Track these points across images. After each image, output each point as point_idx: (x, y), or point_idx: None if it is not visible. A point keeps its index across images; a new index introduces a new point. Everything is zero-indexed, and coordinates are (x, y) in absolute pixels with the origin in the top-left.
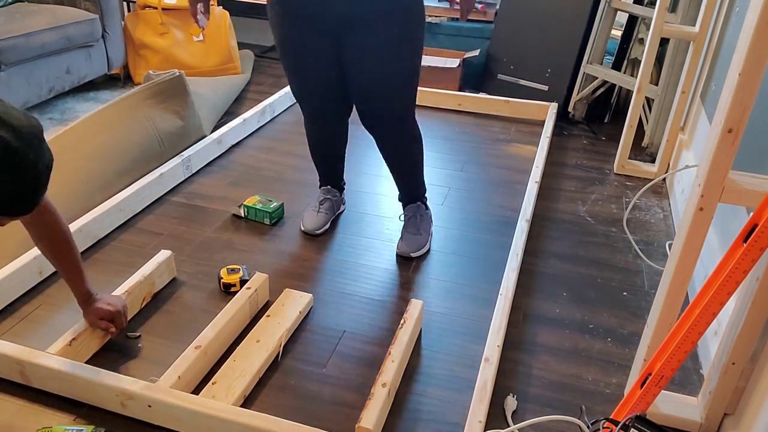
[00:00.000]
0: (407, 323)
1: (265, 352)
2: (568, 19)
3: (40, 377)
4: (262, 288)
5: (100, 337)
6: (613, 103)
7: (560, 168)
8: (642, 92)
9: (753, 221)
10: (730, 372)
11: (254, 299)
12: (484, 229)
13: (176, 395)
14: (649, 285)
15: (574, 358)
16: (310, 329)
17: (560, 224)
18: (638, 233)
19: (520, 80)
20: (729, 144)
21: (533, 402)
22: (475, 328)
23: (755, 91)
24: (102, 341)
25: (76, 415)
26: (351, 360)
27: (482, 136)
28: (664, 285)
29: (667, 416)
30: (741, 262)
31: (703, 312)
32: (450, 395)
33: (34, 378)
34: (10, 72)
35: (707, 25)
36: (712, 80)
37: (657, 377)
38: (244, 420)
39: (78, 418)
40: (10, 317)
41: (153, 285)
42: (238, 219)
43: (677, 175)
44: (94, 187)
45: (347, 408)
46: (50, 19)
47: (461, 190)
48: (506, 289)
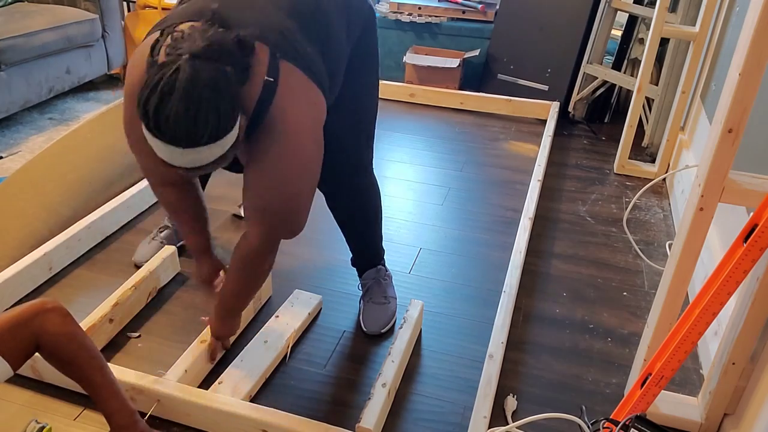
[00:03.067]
0: (407, 323)
1: (272, 353)
2: (568, 19)
3: (51, 371)
4: (265, 284)
5: (102, 336)
6: (613, 103)
7: (560, 168)
8: (642, 92)
9: (753, 221)
10: (730, 372)
11: (257, 295)
12: (484, 229)
13: (185, 390)
14: (649, 285)
15: (574, 358)
16: (310, 329)
17: (560, 224)
18: (638, 233)
19: (520, 80)
20: (729, 144)
21: (533, 402)
22: (475, 328)
23: (755, 91)
24: (104, 340)
25: (84, 407)
26: (351, 360)
27: (482, 135)
28: (664, 285)
29: (667, 416)
30: (741, 262)
31: (703, 312)
32: (450, 395)
33: (45, 373)
34: (10, 72)
35: (707, 25)
36: (712, 80)
37: (657, 377)
38: (252, 415)
39: (87, 410)
40: None
41: (158, 280)
42: (238, 219)
43: (677, 175)
44: (97, 188)
45: (347, 408)
46: (50, 19)
47: (461, 190)
48: (509, 287)
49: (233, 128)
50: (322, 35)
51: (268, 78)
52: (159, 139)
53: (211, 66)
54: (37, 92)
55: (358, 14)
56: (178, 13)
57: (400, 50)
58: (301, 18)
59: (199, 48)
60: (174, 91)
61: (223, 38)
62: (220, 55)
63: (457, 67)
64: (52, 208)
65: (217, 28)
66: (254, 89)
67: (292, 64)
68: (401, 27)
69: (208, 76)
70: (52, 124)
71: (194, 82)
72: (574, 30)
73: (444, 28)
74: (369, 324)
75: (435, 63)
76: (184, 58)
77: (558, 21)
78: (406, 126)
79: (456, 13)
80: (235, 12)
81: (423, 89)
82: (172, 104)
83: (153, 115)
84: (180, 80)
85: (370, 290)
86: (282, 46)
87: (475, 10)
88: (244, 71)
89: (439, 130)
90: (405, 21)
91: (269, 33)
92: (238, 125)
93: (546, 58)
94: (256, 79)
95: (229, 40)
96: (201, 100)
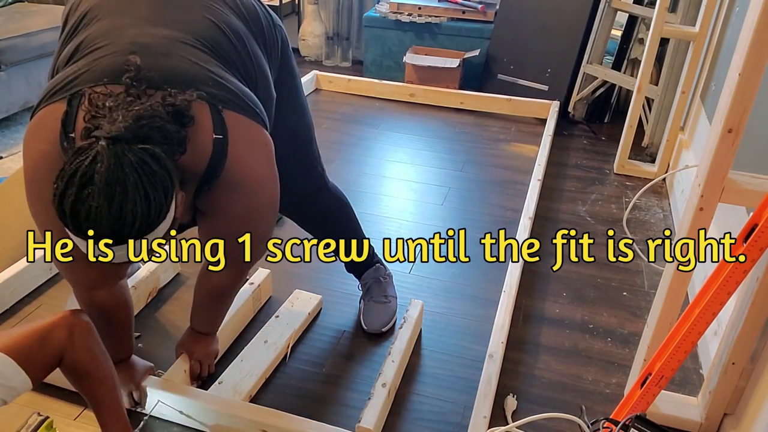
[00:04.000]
0: (407, 323)
1: (272, 353)
2: (568, 19)
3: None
4: (265, 283)
5: None
6: (613, 103)
7: (560, 168)
8: (642, 92)
9: (753, 221)
10: (730, 372)
11: (257, 295)
12: (484, 229)
13: (186, 390)
14: (649, 285)
15: (574, 358)
16: (310, 329)
17: (560, 224)
18: (638, 233)
19: (520, 80)
20: (729, 144)
21: (533, 402)
22: (475, 328)
23: (755, 91)
24: None
25: (84, 407)
26: (351, 360)
27: (482, 135)
28: (664, 285)
29: (667, 416)
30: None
31: (703, 312)
32: (450, 395)
33: None
34: (10, 72)
35: (707, 25)
36: (712, 80)
37: (657, 377)
38: (252, 415)
39: (87, 409)
40: (12, 317)
41: (158, 280)
42: None
43: (677, 175)
44: None
45: (347, 408)
46: (50, 19)
47: (461, 190)
48: (510, 287)
49: (168, 213)
50: (250, 71)
51: (216, 136)
52: (80, 237)
53: (136, 149)
54: (37, 92)
55: (273, 42)
56: (88, 68)
57: (400, 50)
58: (225, 57)
59: (121, 129)
60: (92, 182)
61: (153, 113)
62: (149, 134)
63: (457, 67)
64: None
65: (143, 93)
66: (203, 151)
67: (235, 113)
68: (401, 27)
69: (134, 159)
70: None
71: (116, 170)
72: (574, 30)
73: (444, 28)
74: (369, 322)
75: (435, 63)
76: (101, 145)
77: (558, 21)
78: (406, 126)
79: (456, 13)
80: (156, 62)
81: (423, 89)
82: (91, 198)
83: (71, 211)
84: (98, 172)
85: (371, 289)
86: (219, 96)
87: (475, 10)
88: (181, 145)
89: (439, 130)
90: (405, 21)
91: (201, 85)
92: (173, 207)
93: (546, 58)
94: (202, 140)
95: (162, 113)
96: (125, 190)
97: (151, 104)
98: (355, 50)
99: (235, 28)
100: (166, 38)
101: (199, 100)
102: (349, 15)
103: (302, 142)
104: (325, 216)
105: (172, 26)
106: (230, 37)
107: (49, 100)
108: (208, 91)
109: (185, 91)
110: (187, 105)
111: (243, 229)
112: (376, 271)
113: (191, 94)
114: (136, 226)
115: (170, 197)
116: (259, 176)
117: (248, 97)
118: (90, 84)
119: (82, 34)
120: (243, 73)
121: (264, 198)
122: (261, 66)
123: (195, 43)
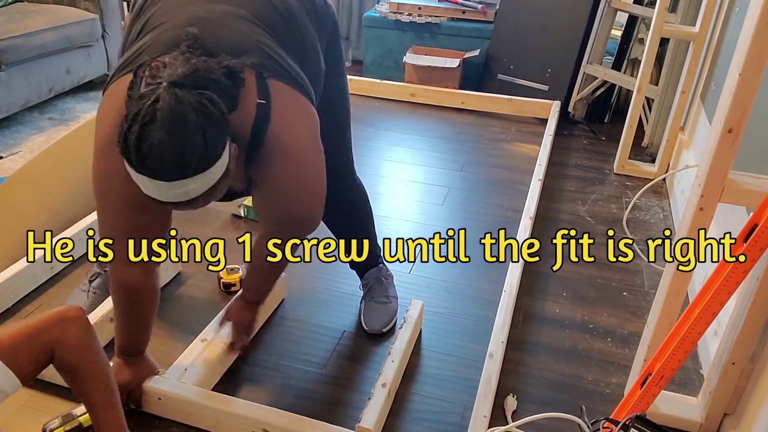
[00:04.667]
0: (407, 323)
1: None
2: (568, 19)
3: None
4: (278, 287)
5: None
6: (613, 103)
7: (560, 168)
8: (642, 92)
9: (753, 221)
10: (730, 372)
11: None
12: (484, 229)
13: (186, 389)
14: (649, 285)
15: (574, 358)
16: (310, 329)
17: (560, 224)
18: (638, 233)
19: (520, 80)
20: (729, 144)
21: (533, 402)
22: (475, 328)
23: (755, 91)
24: (105, 340)
25: None
26: (351, 360)
27: (482, 135)
28: (664, 285)
29: (667, 416)
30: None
31: (703, 312)
32: (450, 395)
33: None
34: (10, 72)
35: (707, 25)
36: (712, 80)
37: (657, 377)
38: (252, 415)
39: None
40: (12, 317)
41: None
42: (238, 219)
43: (677, 175)
44: None
45: (347, 408)
46: (50, 19)
47: (461, 190)
48: (510, 287)
49: (222, 156)
50: (298, 45)
51: (260, 101)
52: (144, 174)
53: (195, 93)
54: (37, 92)
55: (325, 20)
56: (152, 42)
57: (400, 50)
58: (276, 31)
59: (181, 75)
60: (155, 120)
61: (209, 67)
62: (206, 82)
63: (457, 67)
64: (52, 208)
65: (199, 55)
66: (247, 115)
67: (280, 82)
68: (401, 27)
69: (193, 101)
70: (52, 124)
71: (176, 108)
72: (574, 30)
73: (444, 28)
74: (370, 323)
75: (435, 63)
76: (163, 86)
77: (558, 21)
78: (406, 126)
79: (456, 13)
80: (212, 33)
81: (424, 89)
82: (153, 133)
83: (134, 148)
84: (160, 108)
85: (372, 289)
86: (266, 65)
87: (475, 10)
88: (233, 100)
89: (440, 130)
90: (405, 21)
91: (252, 55)
92: (227, 153)
93: (546, 58)
94: (247, 105)
95: (217, 70)
96: (185, 126)
97: (206, 60)
98: (355, 50)
99: (288, 4)
100: (222, 12)
101: (248, 67)
102: (349, 15)
103: (340, 122)
104: (343, 205)
105: (229, 2)
106: (282, 12)
107: (118, 74)
108: (256, 60)
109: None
110: (238, 71)
111: (291, 197)
112: (379, 271)
113: (243, 61)
114: (194, 162)
115: (225, 140)
116: (301, 143)
117: (294, 71)
118: (153, 55)
119: (147, 13)
120: (293, 48)
121: (308, 168)
122: (311, 40)
123: (249, 17)
